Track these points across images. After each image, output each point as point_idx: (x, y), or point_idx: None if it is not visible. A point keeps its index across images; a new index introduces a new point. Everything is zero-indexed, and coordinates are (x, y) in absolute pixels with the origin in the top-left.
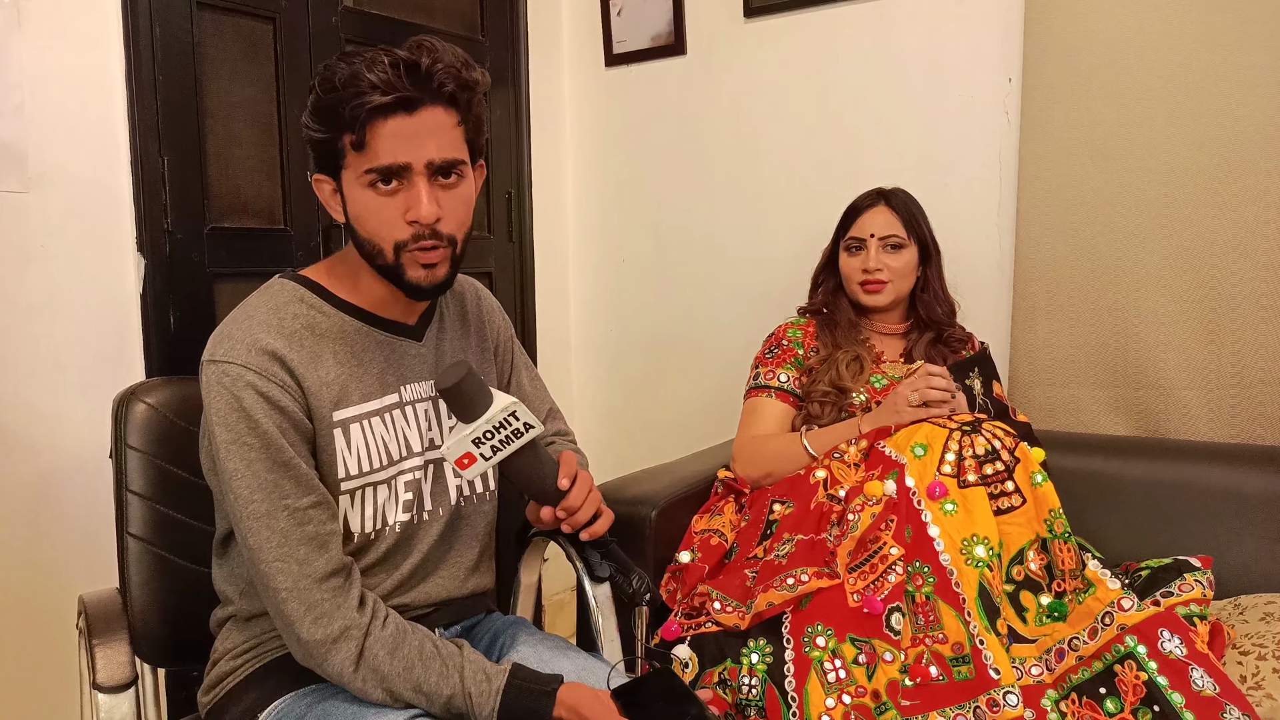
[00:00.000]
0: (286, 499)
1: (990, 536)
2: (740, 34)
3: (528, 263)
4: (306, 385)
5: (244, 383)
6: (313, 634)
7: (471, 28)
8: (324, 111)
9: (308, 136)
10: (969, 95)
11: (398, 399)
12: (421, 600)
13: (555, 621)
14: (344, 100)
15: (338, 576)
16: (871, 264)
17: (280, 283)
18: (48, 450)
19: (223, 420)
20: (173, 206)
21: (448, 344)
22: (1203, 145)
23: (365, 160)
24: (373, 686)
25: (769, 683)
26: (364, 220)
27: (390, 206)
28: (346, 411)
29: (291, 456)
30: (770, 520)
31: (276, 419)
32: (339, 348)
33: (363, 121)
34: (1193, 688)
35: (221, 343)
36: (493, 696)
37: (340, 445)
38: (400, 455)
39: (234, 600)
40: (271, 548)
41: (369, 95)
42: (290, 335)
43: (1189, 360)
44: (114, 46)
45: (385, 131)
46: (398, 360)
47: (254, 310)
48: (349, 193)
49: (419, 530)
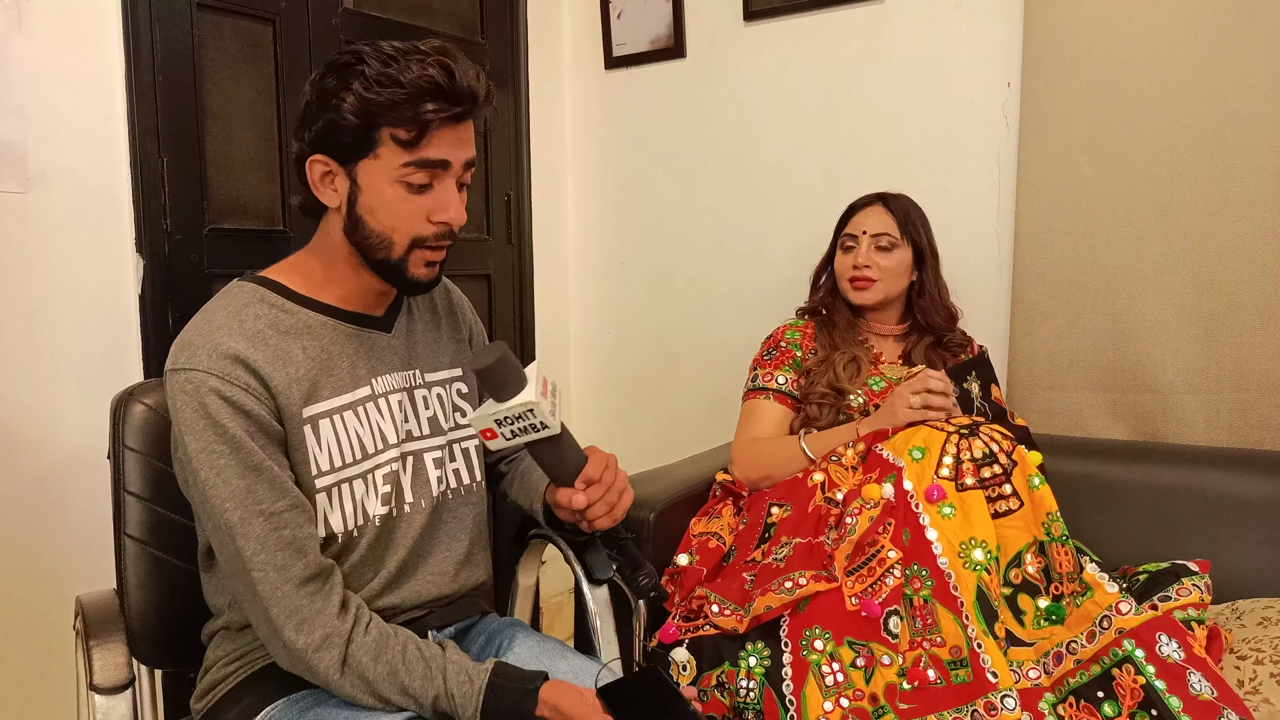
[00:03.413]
0: (260, 504)
1: (988, 540)
2: (740, 37)
3: (527, 265)
4: (274, 385)
5: (207, 388)
6: (295, 640)
7: (471, 30)
8: (374, 104)
9: (335, 120)
10: (968, 99)
11: (370, 391)
12: (412, 600)
13: (553, 624)
14: (413, 103)
15: (317, 581)
16: (860, 260)
17: (239, 285)
18: (46, 451)
19: (190, 428)
20: (172, 207)
21: (419, 334)
22: (1202, 149)
23: (410, 154)
24: (360, 691)
25: (767, 686)
26: (381, 213)
27: (417, 203)
28: (316, 407)
29: (262, 460)
30: (768, 523)
31: (243, 423)
32: (307, 343)
33: (427, 124)
34: (1190, 692)
35: (183, 350)
36: (475, 696)
37: (311, 442)
38: (375, 448)
39: (223, 611)
40: (249, 555)
41: (446, 107)
42: (253, 336)
43: (1187, 364)
44: (114, 47)
45: (441, 135)
46: (367, 352)
47: (214, 314)
48: (368, 183)
49: (400, 523)
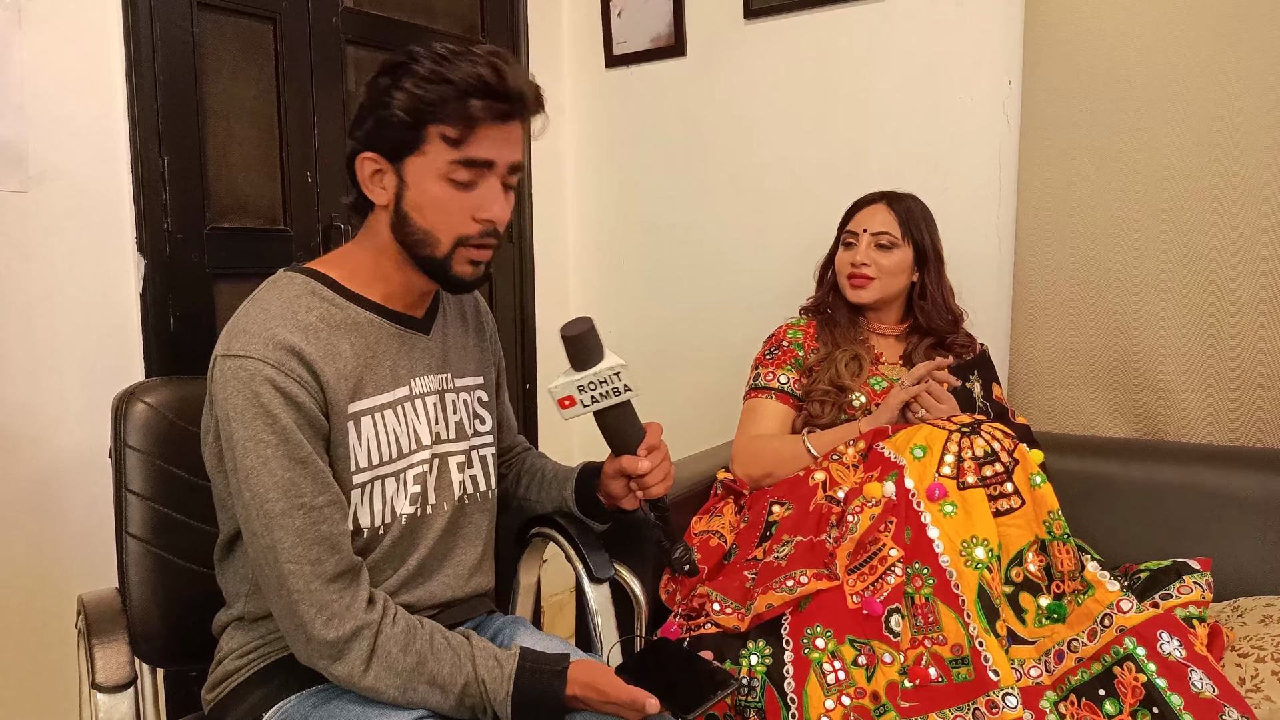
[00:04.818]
0: (303, 497)
1: (989, 538)
2: (740, 35)
3: (527, 263)
4: (324, 379)
5: (262, 378)
6: (325, 635)
7: (472, 29)
8: (425, 101)
9: (385, 118)
10: (969, 97)
11: (408, 392)
12: (426, 601)
13: (554, 622)
14: (466, 99)
15: (346, 577)
16: (859, 258)
17: (289, 276)
18: (47, 450)
19: (239, 415)
20: (172, 206)
21: (452, 339)
22: (1203, 147)
23: (458, 152)
24: (385, 684)
25: (768, 684)
26: (427, 210)
27: (462, 200)
28: (361, 404)
29: (309, 453)
30: (769, 522)
31: (294, 415)
32: (354, 339)
33: (473, 122)
34: (1192, 689)
35: (237, 337)
36: (506, 680)
37: (352, 438)
38: (410, 448)
39: (241, 600)
40: (285, 548)
41: (495, 103)
42: (306, 329)
43: (1188, 362)
44: (114, 46)
45: (488, 133)
46: (408, 353)
47: (268, 304)
48: (415, 180)
49: (423, 524)
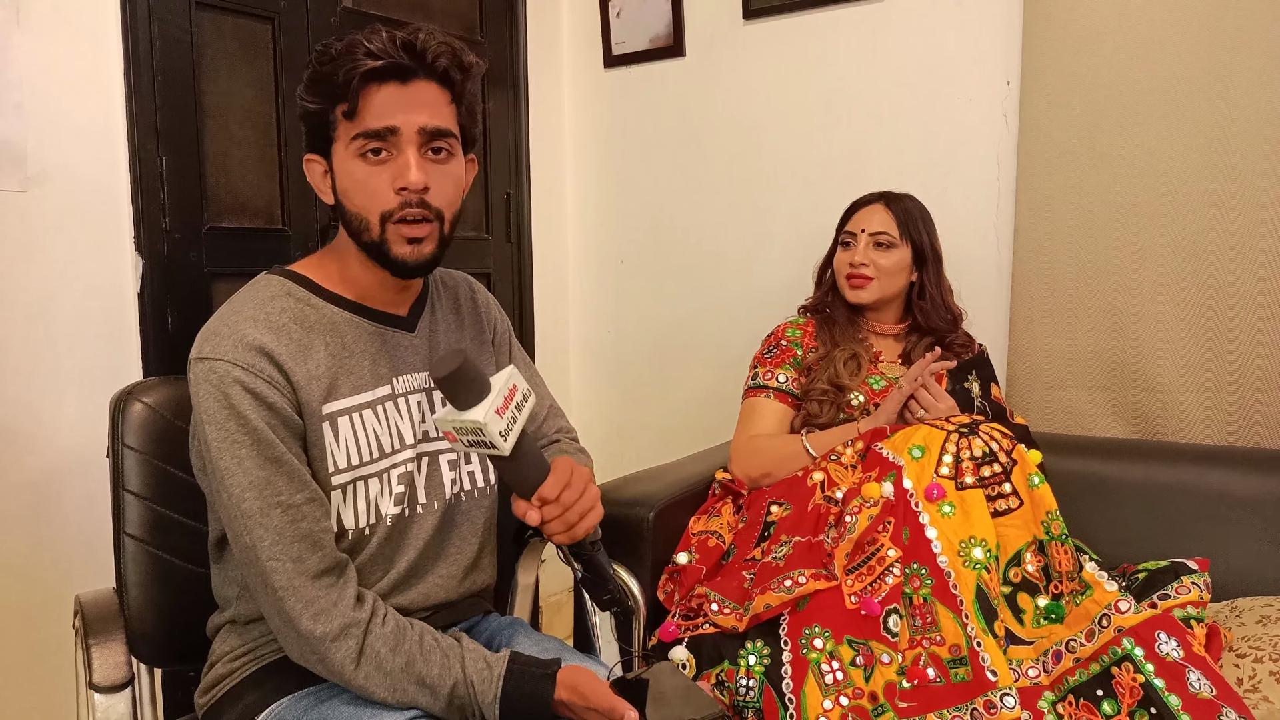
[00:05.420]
0: (279, 495)
1: (988, 538)
2: (739, 36)
3: (526, 263)
4: (296, 379)
5: (231, 379)
6: (312, 629)
7: (471, 29)
8: (319, 81)
9: (302, 110)
10: (968, 98)
11: (390, 390)
12: (420, 602)
13: (552, 622)
14: (339, 67)
15: (332, 574)
16: (857, 258)
17: (267, 278)
18: (45, 449)
19: (212, 418)
20: (171, 206)
21: (441, 335)
22: (1201, 148)
23: (355, 126)
24: (375, 684)
25: (766, 684)
26: (351, 193)
27: (378, 176)
28: (336, 404)
29: (283, 452)
30: (768, 522)
31: (265, 415)
32: (329, 339)
33: (355, 88)
34: (1190, 690)
35: (208, 339)
36: (494, 682)
37: (329, 438)
38: (392, 448)
39: (232, 604)
40: (265, 545)
41: (363, 60)
42: (278, 329)
43: (1187, 363)
44: (113, 46)
45: (378, 98)
46: (390, 351)
47: (240, 306)
48: (339, 167)
49: (412, 524)
